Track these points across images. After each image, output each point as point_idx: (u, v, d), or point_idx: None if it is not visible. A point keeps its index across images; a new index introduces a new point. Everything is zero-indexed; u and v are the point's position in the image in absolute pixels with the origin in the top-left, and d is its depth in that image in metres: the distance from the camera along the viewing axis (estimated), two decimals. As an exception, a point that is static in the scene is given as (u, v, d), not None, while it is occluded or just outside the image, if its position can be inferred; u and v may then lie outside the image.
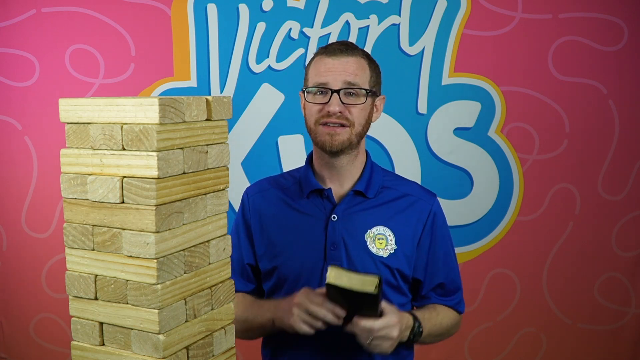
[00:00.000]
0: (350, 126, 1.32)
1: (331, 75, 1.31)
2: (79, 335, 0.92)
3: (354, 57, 1.33)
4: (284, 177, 1.48)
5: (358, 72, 1.33)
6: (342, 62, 1.32)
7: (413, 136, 2.40)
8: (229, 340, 0.99)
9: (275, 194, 1.43)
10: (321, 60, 1.34)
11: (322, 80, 1.32)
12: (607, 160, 2.44)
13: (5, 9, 2.32)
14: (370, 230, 1.35)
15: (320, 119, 1.32)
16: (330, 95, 1.30)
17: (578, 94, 2.40)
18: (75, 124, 0.89)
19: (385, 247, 1.35)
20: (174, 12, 2.31)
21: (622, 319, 2.52)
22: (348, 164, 1.38)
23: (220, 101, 0.93)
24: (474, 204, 2.44)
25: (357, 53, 1.35)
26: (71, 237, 0.91)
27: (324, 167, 1.39)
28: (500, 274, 2.48)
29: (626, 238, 2.48)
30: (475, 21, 2.35)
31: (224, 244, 0.98)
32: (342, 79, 1.31)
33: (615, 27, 2.38)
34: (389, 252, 1.35)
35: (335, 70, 1.31)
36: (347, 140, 1.32)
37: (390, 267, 1.36)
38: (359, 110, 1.33)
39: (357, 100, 1.32)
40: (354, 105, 1.32)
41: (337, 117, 1.31)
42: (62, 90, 2.33)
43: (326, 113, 1.31)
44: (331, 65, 1.32)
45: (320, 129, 1.33)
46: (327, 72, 1.32)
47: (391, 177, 1.47)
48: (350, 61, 1.32)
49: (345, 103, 1.31)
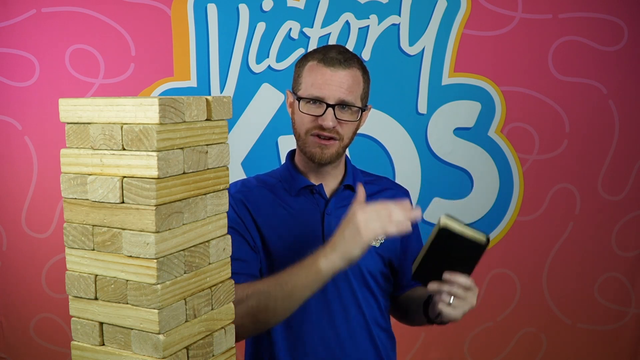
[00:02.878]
0: (339, 140, 1.34)
1: (327, 90, 1.31)
2: (79, 335, 0.92)
3: (350, 71, 1.33)
4: (268, 176, 1.47)
5: (353, 88, 1.33)
6: (340, 75, 1.31)
7: (413, 136, 2.40)
8: (229, 340, 0.99)
9: (263, 192, 1.42)
10: (318, 69, 1.33)
11: (318, 94, 1.31)
12: (607, 160, 2.44)
13: (5, 9, 2.32)
14: None
15: (312, 130, 1.33)
16: (325, 109, 1.31)
17: (578, 94, 2.40)
18: (75, 124, 0.89)
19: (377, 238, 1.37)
20: (174, 12, 2.31)
21: (622, 319, 2.52)
22: (333, 169, 1.42)
23: (220, 101, 0.93)
24: (474, 204, 2.44)
25: (353, 64, 1.34)
26: (71, 237, 0.91)
27: (310, 169, 1.41)
28: (500, 274, 2.48)
29: (626, 238, 2.48)
30: (475, 21, 2.35)
31: (224, 244, 0.98)
32: (338, 96, 1.31)
33: (615, 27, 2.38)
34: (379, 241, 1.39)
35: (332, 84, 1.31)
36: (336, 153, 1.35)
37: (383, 257, 1.40)
38: (350, 126, 1.35)
39: (350, 117, 1.34)
40: (347, 122, 1.34)
41: (329, 131, 1.32)
42: (62, 90, 2.33)
43: (319, 126, 1.32)
44: (328, 78, 1.31)
45: (310, 139, 1.34)
46: (323, 86, 1.31)
47: (365, 173, 1.52)
48: (347, 75, 1.32)
49: (338, 118, 1.32)
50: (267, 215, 1.39)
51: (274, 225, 1.38)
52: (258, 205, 1.39)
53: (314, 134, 1.33)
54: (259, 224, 1.38)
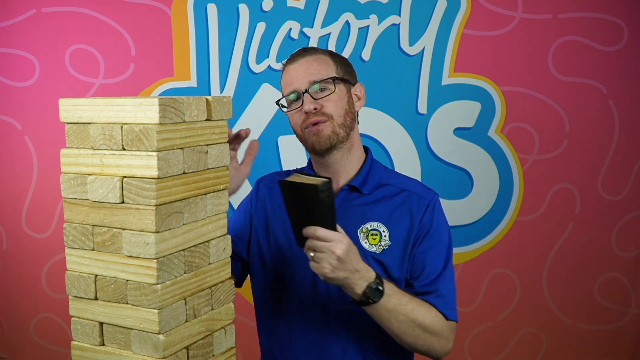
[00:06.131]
0: (329, 119, 1.33)
1: (296, 81, 1.34)
2: (79, 335, 0.92)
3: (312, 56, 1.36)
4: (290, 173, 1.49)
5: (321, 67, 1.34)
6: (302, 63, 1.35)
7: (413, 136, 2.40)
8: (229, 340, 0.99)
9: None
10: (285, 71, 1.38)
11: (291, 89, 1.34)
12: (607, 160, 2.44)
13: (5, 9, 2.32)
14: (363, 225, 1.33)
15: (302, 124, 1.34)
16: (302, 98, 1.33)
17: (578, 94, 2.40)
18: (75, 124, 0.89)
19: (379, 243, 1.32)
20: (174, 12, 2.31)
21: (622, 319, 2.52)
22: (342, 159, 1.37)
23: (220, 101, 0.93)
24: (474, 204, 2.44)
25: (316, 52, 1.37)
26: (71, 237, 0.91)
27: (321, 168, 1.41)
28: (500, 274, 2.48)
29: (626, 238, 2.48)
30: (475, 21, 2.35)
31: (224, 244, 0.98)
32: (307, 79, 1.33)
33: (615, 27, 2.38)
34: (382, 248, 1.32)
35: (297, 74, 1.34)
36: (333, 134, 1.33)
37: (383, 264, 1.33)
38: (333, 102, 1.33)
39: (328, 91, 1.34)
40: (326, 98, 1.33)
41: (314, 114, 1.32)
42: (62, 90, 2.33)
43: (305, 115, 1.33)
44: (294, 71, 1.35)
45: (306, 133, 1.34)
46: (292, 80, 1.34)
47: (392, 174, 1.45)
48: (308, 61, 1.35)
49: (316, 98, 1.32)
50: (274, 210, 1.42)
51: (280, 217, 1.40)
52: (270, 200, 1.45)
53: (307, 126, 1.33)
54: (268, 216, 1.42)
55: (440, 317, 1.27)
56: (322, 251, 1.12)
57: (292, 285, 1.36)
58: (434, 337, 1.26)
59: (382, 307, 1.18)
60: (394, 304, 1.20)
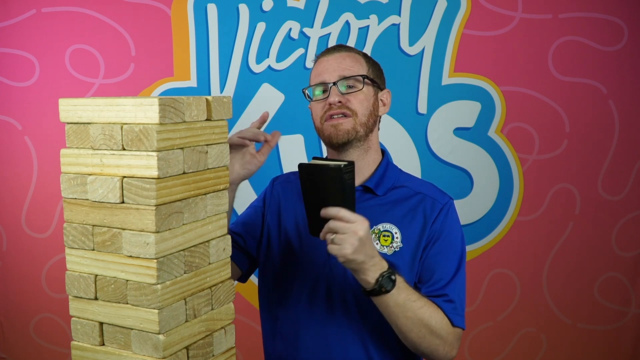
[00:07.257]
0: (352, 116, 1.33)
1: (327, 72, 1.35)
2: (79, 335, 0.92)
3: (348, 53, 1.38)
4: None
5: (353, 64, 1.36)
6: (336, 57, 1.36)
7: (413, 136, 2.40)
8: (229, 340, 0.99)
9: (294, 187, 1.45)
10: (318, 62, 1.40)
11: (319, 79, 1.36)
12: (607, 160, 2.44)
13: (5, 9, 2.32)
14: (375, 226, 1.33)
15: (324, 115, 1.34)
16: (329, 91, 1.33)
17: (578, 94, 2.40)
18: (75, 124, 0.89)
19: (391, 245, 1.32)
20: (174, 12, 2.31)
21: (622, 319, 2.52)
22: (358, 160, 1.36)
23: (220, 101, 0.93)
24: (474, 204, 2.44)
25: (351, 50, 1.40)
26: (71, 237, 0.91)
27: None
28: (500, 274, 2.48)
29: (626, 238, 2.48)
30: (475, 21, 2.35)
31: (224, 244, 0.98)
32: (338, 73, 1.34)
33: (615, 27, 2.38)
34: (393, 249, 1.31)
35: (329, 66, 1.35)
36: (353, 130, 1.32)
37: (394, 265, 1.30)
38: (359, 100, 1.34)
39: (355, 89, 1.34)
40: (354, 94, 1.33)
41: (338, 107, 1.32)
42: (62, 90, 2.33)
43: (328, 106, 1.33)
44: (326, 63, 1.36)
45: (325, 125, 1.34)
46: (323, 71, 1.36)
47: (407, 177, 1.44)
48: (344, 56, 1.37)
49: (343, 93, 1.33)
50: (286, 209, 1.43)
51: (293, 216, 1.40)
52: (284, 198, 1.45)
53: (327, 117, 1.33)
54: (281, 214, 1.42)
55: (447, 322, 1.26)
56: (344, 232, 1.11)
57: (299, 280, 1.36)
58: (439, 340, 1.24)
59: (392, 300, 1.18)
60: (403, 299, 1.19)
